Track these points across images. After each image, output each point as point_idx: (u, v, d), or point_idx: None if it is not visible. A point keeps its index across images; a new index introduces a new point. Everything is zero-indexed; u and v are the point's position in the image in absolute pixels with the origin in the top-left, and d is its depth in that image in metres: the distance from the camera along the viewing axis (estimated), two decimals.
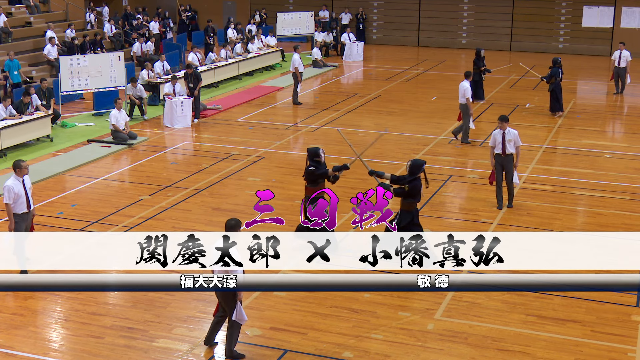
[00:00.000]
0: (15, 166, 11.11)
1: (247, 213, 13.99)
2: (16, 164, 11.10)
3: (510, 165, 13.94)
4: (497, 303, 10.56)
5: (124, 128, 18.59)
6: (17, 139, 17.91)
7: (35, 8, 29.29)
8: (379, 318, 10.13)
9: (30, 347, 9.36)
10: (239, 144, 18.53)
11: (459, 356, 9.26)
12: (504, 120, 13.93)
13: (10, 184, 10.96)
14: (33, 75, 24.00)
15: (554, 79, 21.77)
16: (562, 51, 34.82)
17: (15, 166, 11.11)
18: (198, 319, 10.10)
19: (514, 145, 13.91)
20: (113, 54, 22.39)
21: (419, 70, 30.01)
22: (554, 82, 21.80)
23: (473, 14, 36.02)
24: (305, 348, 9.29)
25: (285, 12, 33.92)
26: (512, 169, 13.94)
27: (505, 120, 13.94)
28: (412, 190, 11.57)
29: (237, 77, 27.36)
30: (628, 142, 19.45)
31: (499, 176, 14.10)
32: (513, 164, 13.94)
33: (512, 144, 13.88)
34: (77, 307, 10.39)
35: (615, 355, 9.24)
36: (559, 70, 21.77)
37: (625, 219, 13.86)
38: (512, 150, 13.90)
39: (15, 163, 11.12)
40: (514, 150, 13.91)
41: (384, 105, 23.44)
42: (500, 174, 14.06)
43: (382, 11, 37.22)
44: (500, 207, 14.16)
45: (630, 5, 33.66)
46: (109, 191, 15.31)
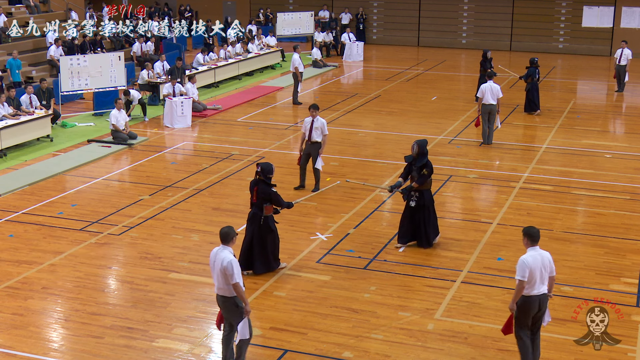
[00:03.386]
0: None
1: (247, 213, 13.96)
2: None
3: (316, 152, 14.77)
4: (497, 303, 10.56)
5: (124, 128, 18.59)
6: (17, 139, 17.92)
7: (35, 8, 29.32)
8: (379, 318, 10.12)
9: (30, 347, 9.36)
10: (239, 144, 18.52)
11: (459, 356, 9.25)
12: (314, 108, 14.84)
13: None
14: (33, 75, 24.01)
15: (530, 78, 21.97)
16: (562, 51, 34.85)
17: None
18: (198, 319, 10.10)
19: (321, 133, 14.75)
20: (113, 54, 22.39)
21: (419, 70, 30.01)
22: (531, 81, 22.01)
23: (473, 14, 36.02)
24: (305, 348, 9.29)
25: (285, 12, 33.93)
26: (317, 155, 14.78)
27: (316, 108, 14.82)
28: (430, 170, 12.07)
29: (237, 77, 27.36)
30: (628, 142, 19.44)
31: (303, 161, 14.97)
32: (318, 151, 14.78)
33: (319, 132, 14.72)
34: (77, 307, 10.39)
35: (615, 355, 9.23)
36: (536, 70, 22.02)
37: (625, 219, 13.86)
38: (318, 139, 14.73)
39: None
40: (319, 139, 14.74)
41: (384, 105, 23.44)
42: (305, 159, 14.92)
43: (382, 11, 37.22)
44: (303, 186, 15.01)
45: (630, 5, 33.67)
46: (109, 191, 15.31)
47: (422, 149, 12.09)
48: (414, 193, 12.05)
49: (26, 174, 15.98)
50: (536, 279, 8.37)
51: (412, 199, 12.06)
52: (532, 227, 8.67)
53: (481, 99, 18.33)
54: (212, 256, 8.56)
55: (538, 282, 8.39)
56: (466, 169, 16.71)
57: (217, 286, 8.51)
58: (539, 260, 8.42)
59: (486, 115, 18.34)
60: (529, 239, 8.56)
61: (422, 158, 12.02)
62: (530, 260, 8.35)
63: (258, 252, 11.25)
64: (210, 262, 8.58)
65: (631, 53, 25.07)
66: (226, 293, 8.43)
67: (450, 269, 11.64)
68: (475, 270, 11.61)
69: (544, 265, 8.46)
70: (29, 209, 14.04)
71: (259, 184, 11.18)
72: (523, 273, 8.31)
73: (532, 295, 8.39)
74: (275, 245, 11.42)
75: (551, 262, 8.57)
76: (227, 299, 8.46)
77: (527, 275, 8.30)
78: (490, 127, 18.50)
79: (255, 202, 11.21)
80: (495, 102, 18.23)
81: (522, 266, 8.34)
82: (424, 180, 11.98)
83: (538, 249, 8.53)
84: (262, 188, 11.13)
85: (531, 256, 8.42)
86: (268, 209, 11.21)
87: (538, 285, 8.40)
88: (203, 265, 11.63)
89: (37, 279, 11.18)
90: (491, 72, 19.29)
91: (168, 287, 10.97)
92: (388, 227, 13.26)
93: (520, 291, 8.37)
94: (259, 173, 11.19)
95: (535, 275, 8.35)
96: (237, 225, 13.33)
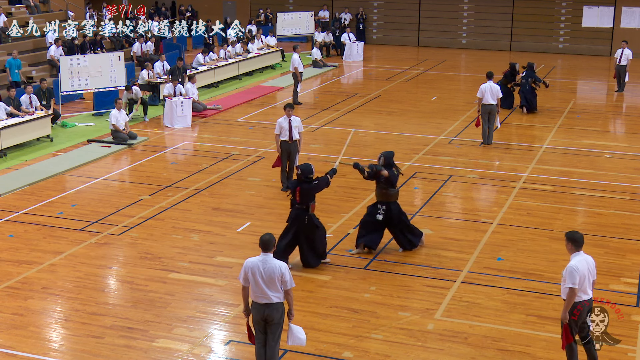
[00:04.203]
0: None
1: (247, 213, 14.01)
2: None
3: (296, 150, 14.85)
4: (497, 303, 10.56)
5: (124, 128, 18.59)
6: (17, 139, 17.92)
7: (35, 8, 29.30)
8: (379, 318, 10.12)
9: (30, 347, 9.36)
10: (239, 144, 18.52)
11: (459, 356, 9.25)
12: (290, 107, 14.84)
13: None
14: (33, 75, 24.00)
15: (520, 80, 22.39)
16: (562, 51, 34.84)
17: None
18: (198, 319, 10.10)
19: (298, 131, 14.82)
20: (113, 54, 22.38)
21: (419, 70, 30.01)
22: (520, 82, 22.40)
23: (473, 14, 36.02)
24: (306, 348, 9.28)
25: (285, 12, 33.93)
26: (297, 154, 14.87)
27: (291, 107, 14.85)
28: (394, 179, 11.94)
29: (237, 77, 27.37)
30: (628, 142, 19.44)
31: (284, 161, 14.91)
32: (298, 149, 14.88)
33: (297, 131, 14.77)
34: (77, 307, 10.39)
35: (615, 355, 9.23)
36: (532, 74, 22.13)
37: (625, 219, 13.85)
38: (297, 137, 14.80)
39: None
40: (298, 137, 14.82)
41: (384, 105, 23.44)
42: (286, 159, 14.88)
43: (382, 11, 37.22)
44: (285, 190, 14.83)
45: (630, 5, 33.66)
46: (109, 191, 15.31)
47: (389, 160, 12.00)
48: (380, 206, 11.93)
49: (26, 174, 15.98)
50: (585, 285, 8.27)
51: (379, 212, 11.93)
52: (576, 231, 8.49)
53: (481, 99, 18.38)
54: (253, 266, 8.24)
55: (587, 287, 8.30)
56: (466, 169, 16.70)
57: (261, 294, 8.24)
58: (585, 265, 8.30)
59: (486, 115, 18.35)
60: (573, 244, 8.37)
61: (388, 169, 11.93)
62: (580, 267, 8.20)
63: (307, 249, 11.45)
64: (252, 272, 8.22)
65: (631, 53, 25.09)
66: (272, 300, 8.25)
67: (450, 269, 11.64)
68: (475, 270, 11.61)
69: (590, 270, 8.35)
70: (29, 209, 14.04)
71: (301, 184, 11.41)
72: (574, 280, 8.14)
73: (583, 301, 8.28)
74: (322, 241, 11.58)
75: (595, 267, 8.47)
76: (272, 305, 8.27)
77: (578, 282, 8.17)
78: (490, 127, 18.52)
79: (299, 202, 11.38)
80: (495, 102, 18.24)
81: (572, 273, 8.16)
82: (395, 177, 11.85)
83: (582, 254, 8.38)
84: (307, 187, 11.37)
85: (579, 262, 8.27)
86: (313, 207, 11.45)
87: (586, 291, 8.30)
88: (203, 265, 11.64)
89: (37, 279, 11.18)
90: (491, 72, 19.27)
91: (168, 287, 10.97)
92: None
93: (572, 299, 8.18)
94: (300, 175, 11.45)
95: (584, 281, 8.24)
96: (237, 225, 13.36)
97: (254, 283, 8.24)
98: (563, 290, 8.25)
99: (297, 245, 11.54)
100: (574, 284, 8.13)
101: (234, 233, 12.97)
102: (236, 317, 10.10)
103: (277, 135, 14.84)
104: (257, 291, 8.25)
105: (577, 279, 8.15)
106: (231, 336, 9.68)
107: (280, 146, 14.78)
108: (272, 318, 8.32)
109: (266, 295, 8.22)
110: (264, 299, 8.25)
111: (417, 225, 12.54)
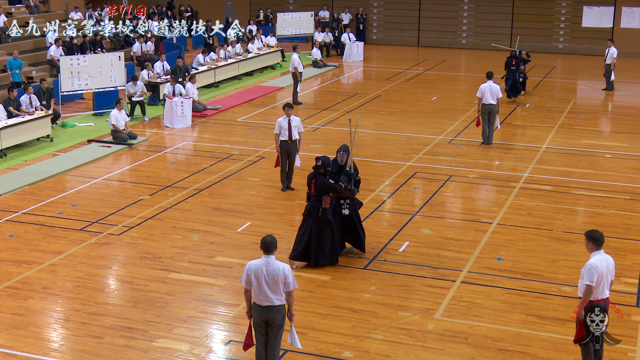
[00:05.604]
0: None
1: (247, 213, 14.01)
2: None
3: (295, 150, 14.80)
4: (497, 303, 10.56)
5: (124, 128, 18.59)
6: (17, 139, 17.92)
7: (35, 8, 29.31)
8: (379, 318, 10.12)
9: (30, 347, 9.36)
10: (239, 144, 18.52)
11: (459, 356, 9.25)
12: (289, 107, 14.82)
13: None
14: (33, 75, 24.01)
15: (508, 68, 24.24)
16: (562, 51, 34.85)
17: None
18: (198, 319, 10.10)
19: (298, 131, 14.81)
20: (113, 54, 22.38)
21: (419, 70, 30.01)
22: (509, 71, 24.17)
23: (473, 14, 36.02)
24: (305, 348, 9.29)
25: (285, 12, 33.92)
26: (296, 153, 14.83)
27: (290, 107, 14.83)
28: (342, 188, 11.78)
29: (237, 77, 27.37)
30: (628, 142, 19.44)
31: (284, 161, 14.87)
32: (297, 149, 14.84)
33: (297, 130, 14.76)
34: (77, 307, 10.39)
35: (615, 355, 9.24)
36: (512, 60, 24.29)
37: (625, 219, 13.86)
38: (297, 137, 14.80)
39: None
40: (298, 137, 14.82)
41: (384, 105, 23.44)
42: (285, 159, 14.83)
43: (382, 11, 37.22)
44: (284, 190, 14.97)
45: (630, 5, 33.67)
46: (109, 191, 15.31)
47: (328, 167, 11.63)
48: (343, 201, 11.70)
49: (26, 174, 15.98)
50: (603, 284, 8.26)
51: (343, 207, 11.69)
52: (596, 230, 8.47)
53: (481, 99, 18.40)
54: (256, 269, 8.17)
55: (604, 286, 8.29)
56: (466, 169, 16.70)
57: (263, 297, 8.20)
58: (605, 264, 8.28)
59: (486, 115, 18.36)
60: (594, 242, 8.35)
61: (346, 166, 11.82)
62: (599, 265, 8.20)
63: (315, 244, 11.40)
64: (255, 275, 8.16)
65: (617, 52, 25.76)
66: (274, 302, 8.21)
67: (450, 269, 11.64)
68: (475, 270, 11.61)
69: (609, 269, 8.34)
70: (29, 209, 14.04)
71: (317, 176, 11.35)
72: (592, 278, 8.13)
73: (599, 300, 8.26)
74: (333, 236, 11.51)
75: (614, 267, 8.46)
76: (274, 308, 8.23)
77: (596, 280, 8.16)
78: (490, 127, 18.52)
79: (314, 195, 11.34)
80: (495, 102, 18.25)
81: (591, 271, 8.15)
82: (358, 182, 11.89)
83: (603, 253, 8.36)
84: (321, 180, 11.29)
85: (599, 260, 8.25)
86: (327, 200, 11.36)
87: (603, 290, 8.29)
88: (203, 265, 11.64)
89: (37, 279, 11.18)
90: (490, 72, 19.27)
91: (168, 287, 10.97)
92: (388, 227, 13.26)
93: (588, 296, 8.18)
94: (319, 167, 11.37)
95: (602, 280, 8.23)
96: (237, 225, 13.35)
97: (256, 286, 8.20)
98: (580, 287, 8.27)
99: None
100: (591, 282, 8.14)
101: (234, 233, 12.97)
102: (236, 317, 10.10)
103: (276, 135, 14.85)
104: (260, 294, 8.22)
105: (596, 277, 8.15)
106: (231, 336, 9.68)
107: (279, 146, 14.79)
108: (274, 320, 8.30)
109: (268, 297, 8.20)
110: (266, 302, 8.22)
111: (417, 225, 12.54)
